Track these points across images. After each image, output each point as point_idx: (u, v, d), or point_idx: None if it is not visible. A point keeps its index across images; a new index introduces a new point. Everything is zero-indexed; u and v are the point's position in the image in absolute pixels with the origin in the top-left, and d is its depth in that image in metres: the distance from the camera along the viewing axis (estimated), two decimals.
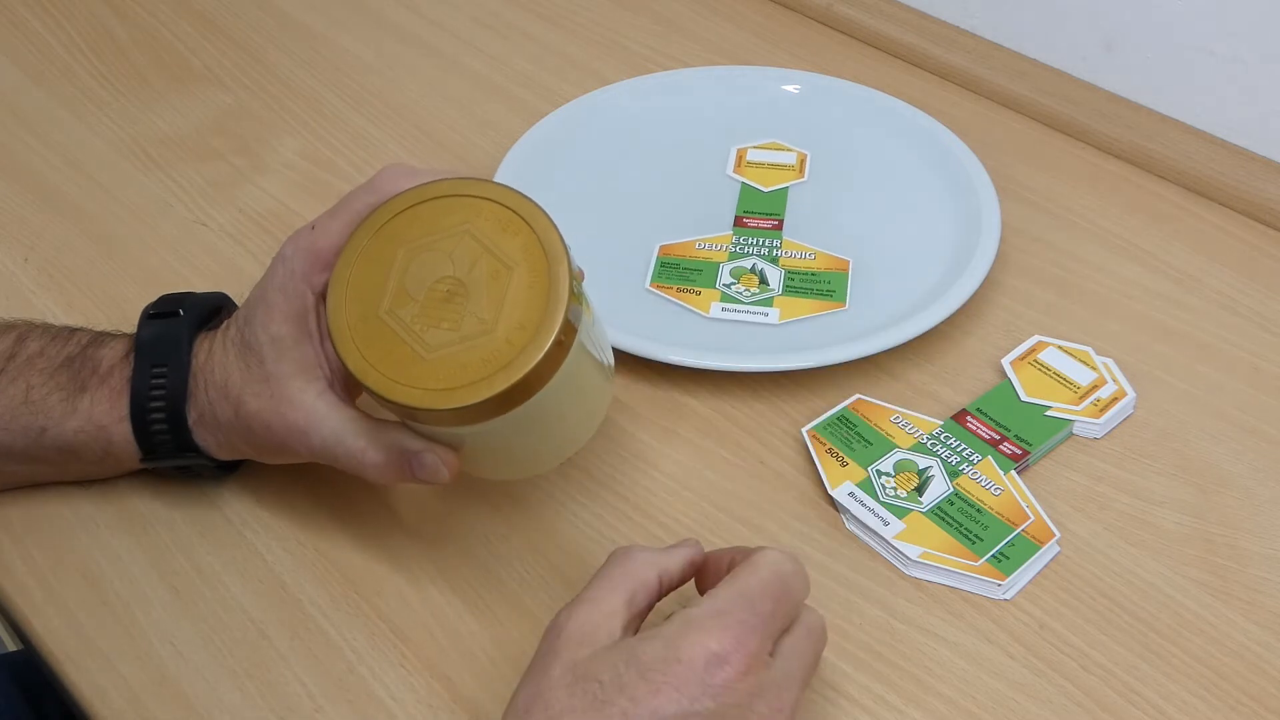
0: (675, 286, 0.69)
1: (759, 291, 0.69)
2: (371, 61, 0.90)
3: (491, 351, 0.47)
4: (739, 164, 0.78)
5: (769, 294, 0.69)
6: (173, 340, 0.55)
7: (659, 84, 0.84)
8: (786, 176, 0.77)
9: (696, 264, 0.71)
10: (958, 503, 0.59)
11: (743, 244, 0.72)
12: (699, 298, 0.69)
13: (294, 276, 0.53)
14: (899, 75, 0.89)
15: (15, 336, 0.57)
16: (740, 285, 0.69)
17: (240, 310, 0.56)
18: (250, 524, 0.58)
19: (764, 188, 0.76)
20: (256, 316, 0.54)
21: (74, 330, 0.58)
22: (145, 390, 0.55)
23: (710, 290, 0.69)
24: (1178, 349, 0.68)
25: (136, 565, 0.57)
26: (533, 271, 0.48)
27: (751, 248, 0.72)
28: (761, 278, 0.70)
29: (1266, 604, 0.56)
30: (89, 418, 0.55)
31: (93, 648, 0.54)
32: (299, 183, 0.79)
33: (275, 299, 0.53)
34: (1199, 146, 0.79)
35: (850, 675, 0.53)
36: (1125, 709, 0.52)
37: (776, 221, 0.74)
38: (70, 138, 0.82)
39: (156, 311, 0.57)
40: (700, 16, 0.95)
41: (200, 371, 0.55)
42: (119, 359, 0.56)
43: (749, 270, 0.70)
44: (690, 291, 0.69)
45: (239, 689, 0.52)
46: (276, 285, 0.53)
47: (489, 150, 0.81)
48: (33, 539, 0.58)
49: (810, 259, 0.71)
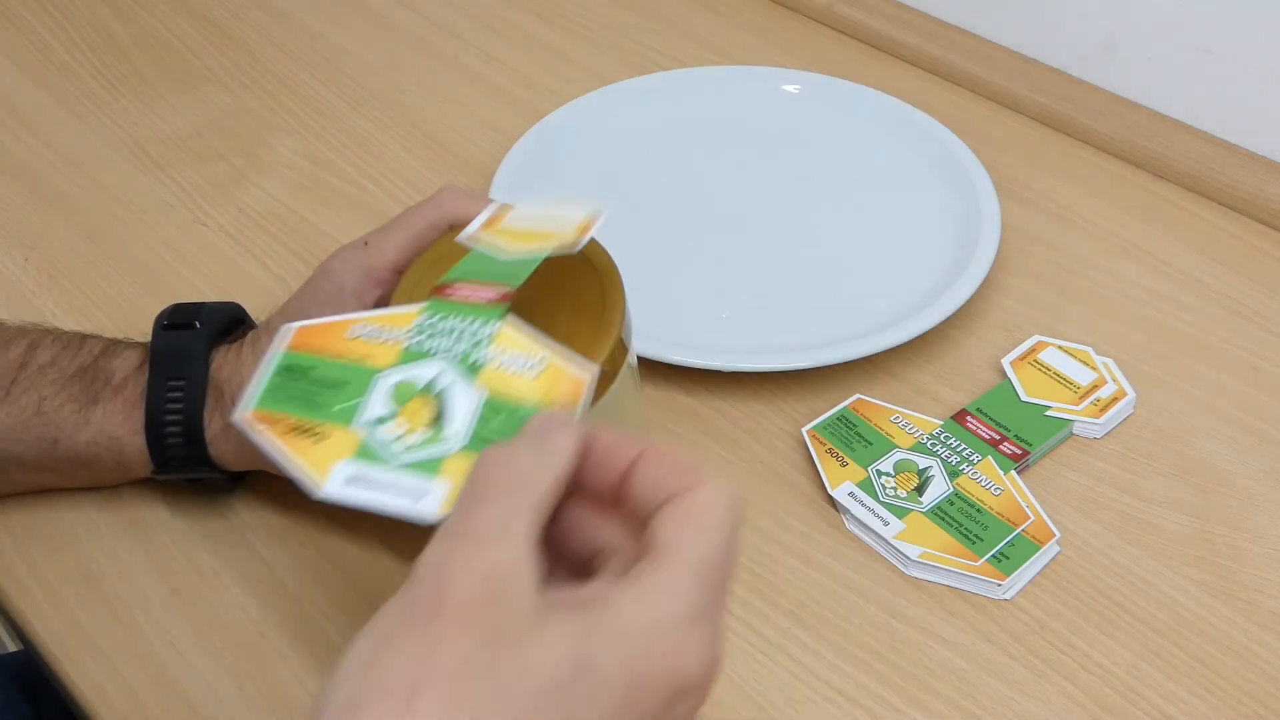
0: (288, 420, 0.40)
1: (423, 439, 0.39)
2: (371, 61, 0.90)
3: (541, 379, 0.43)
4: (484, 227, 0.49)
5: (439, 449, 0.39)
6: (189, 353, 0.54)
7: (659, 84, 0.84)
8: (547, 241, 0.46)
9: (339, 370, 0.41)
10: (958, 503, 0.59)
11: (431, 330, 0.42)
12: (320, 447, 0.40)
13: (343, 292, 0.52)
14: (899, 75, 0.89)
15: (27, 344, 0.56)
16: (396, 425, 0.40)
17: (275, 320, 0.55)
18: (250, 524, 0.58)
19: (504, 255, 0.46)
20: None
21: (85, 338, 0.57)
22: (161, 403, 0.54)
23: (342, 433, 0.40)
24: (1178, 349, 0.68)
25: (136, 565, 0.57)
26: (590, 308, 0.48)
27: (444, 339, 0.42)
28: (440, 405, 0.40)
29: (1266, 604, 0.56)
30: (102, 429, 0.55)
31: (93, 648, 0.54)
32: (299, 183, 0.79)
33: (320, 313, 0.50)
34: (1199, 146, 0.79)
35: (850, 675, 0.53)
36: (1125, 709, 0.52)
37: (500, 295, 0.43)
38: (70, 138, 0.82)
39: (171, 322, 0.56)
40: (700, 16, 0.95)
41: (225, 384, 0.54)
42: (132, 370, 0.55)
43: (420, 390, 0.41)
44: (308, 434, 0.40)
45: (239, 689, 0.52)
46: (322, 300, 0.52)
47: (489, 150, 0.81)
48: (33, 539, 0.58)
49: (531, 371, 0.41)
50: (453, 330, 0.42)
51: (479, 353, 0.41)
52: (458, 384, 0.40)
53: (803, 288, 0.70)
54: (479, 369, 0.40)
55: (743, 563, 0.57)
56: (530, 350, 0.41)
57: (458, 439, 0.39)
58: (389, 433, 0.39)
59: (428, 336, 0.42)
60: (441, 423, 0.39)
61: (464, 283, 0.43)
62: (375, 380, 0.41)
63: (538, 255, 0.44)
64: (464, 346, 0.41)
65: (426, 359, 0.41)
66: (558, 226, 0.45)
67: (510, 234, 0.46)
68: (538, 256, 0.44)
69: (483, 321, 0.41)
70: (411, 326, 0.42)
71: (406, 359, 0.41)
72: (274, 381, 0.41)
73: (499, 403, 0.40)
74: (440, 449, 0.39)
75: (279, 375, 0.41)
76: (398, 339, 0.42)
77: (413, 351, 0.41)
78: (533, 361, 0.40)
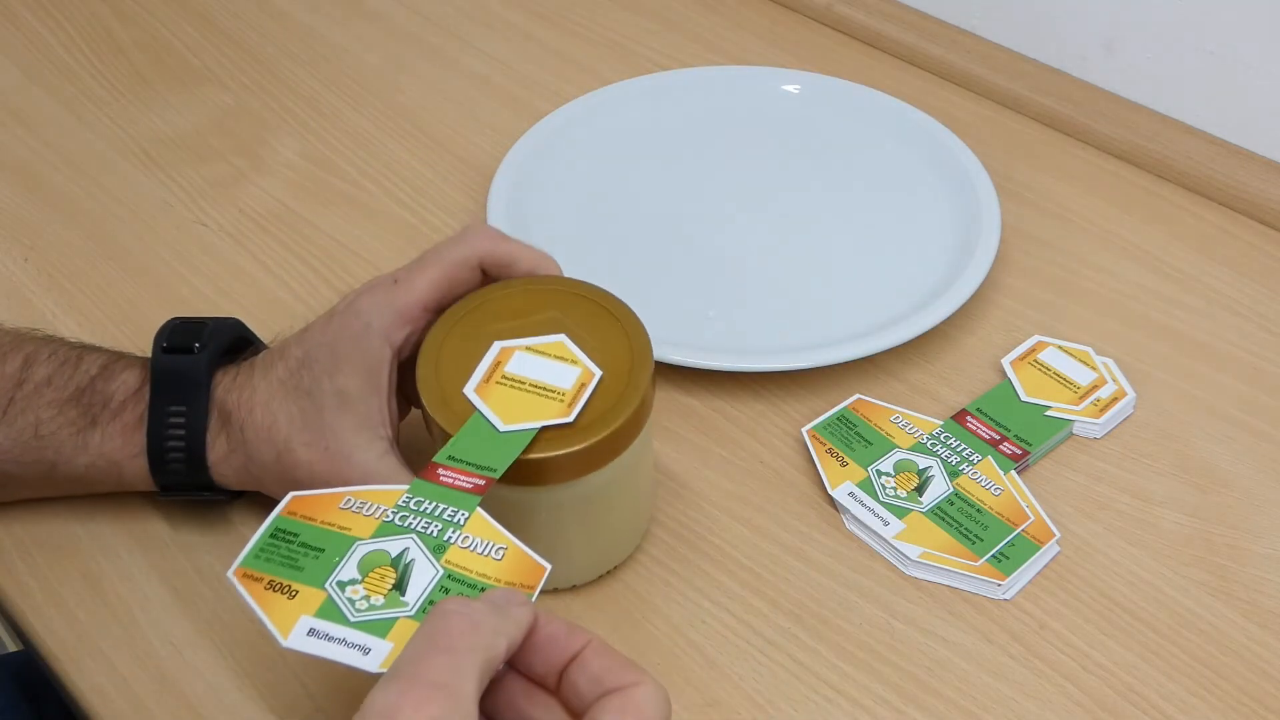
0: (267, 579, 0.45)
1: (381, 603, 0.44)
2: (371, 61, 0.90)
3: (569, 428, 0.49)
4: (489, 376, 0.51)
5: (392, 612, 0.43)
6: (191, 379, 0.53)
7: (659, 84, 0.84)
8: (544, 411, 0.50)
9: (322, 537, 0.46)
10: (958, 503, 0.59)
11: (411, 510, 0.47)
12: (290, 603, 0.44)
13: (370, 330, 0.51)
14: (899, 75, 0.89)
15: (22, 360, 0.55)
16: (361, 589, 0.44)
17: (293, 348, 0.53)
18: (251, 524, 0.58)
19: (502, 424, 0.49)
20: (319, 363, 0.52)
21: (82, 354, 0.56)
22: (162, 430, 0.53)
23: (311, 592, 0.44)
24: (1178, 349, 0.68)
25: (136, 565, 0.57)
26: (619, 372, 0.51)
27: (419, 518, 0.46)
28: (401, 576, 0.45)
29: (1266, 604, 0.56)
30: (101, 453, 0.54)
31: (93, 648, 0.54)
32: (299, 183, 0.79)
33: (346, 350, 0.51)
34: (1199, 146, 0.79)
35: (850, 675, 0.53)
36: (1125, 709, 0.52)
37: (479, 484, 0.47)
38: (70, 138, 0.82)
39: (171, 344, 0.54)
40: (700, 16, 0.95)
41: (235, 409, 0.53)
42: (131, 393, 0.54)
43: (390, 560, 0.45)
44: (282, 591, 0.44)
45: (239, 689, 0.52)
46: (349, 336, 0.52)
47: (489, 150, 0.81)
48: (34, 540, 0.58)
49: (497, 556, 0.45)
50: (429, 512, 0.46)
51: (448, 534, 0.46)
52: (421, 558, 0.45)
53: (803, 288, 0.70)
54: (445, 548, 0.45)
55: (743, 562, 0.57)
56: (496, 537, 0.45)
57: (411, 606, 0.43)
58: (352, 594, 0.44)
59: (406, 515, 0.46)
60: (399, 590, 0.44)
61: (452, 468, 0.47)
62: (352, 548, 0.45)
63: (529, 430, 0.49)
64: (436, 527, 0.46)
65: (400, 534, 0.46)
66: (557, 380, 0.50)
67: (510, 388, 0.50)
68: (529, 432, 0.48)
69: (457, 508, 0.46)
70: (394, 505, 0.46)
71: (382, 532, 0.46)
72: (264, 543, 0.45)
73: (459, 575, 0.44)
74: (393, 613, 0.43)
75: (270, 537, 0.46)
76: (379, 514, 0.46)
77: (390, 526, 0.46)
78: (497, 547, 0.45)
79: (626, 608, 0.55)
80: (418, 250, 0.55)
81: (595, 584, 0.56)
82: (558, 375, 0.51)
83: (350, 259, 0.73)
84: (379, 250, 0.74)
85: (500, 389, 0.50)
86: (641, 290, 0.70)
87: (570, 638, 0.41)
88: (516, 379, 0.50)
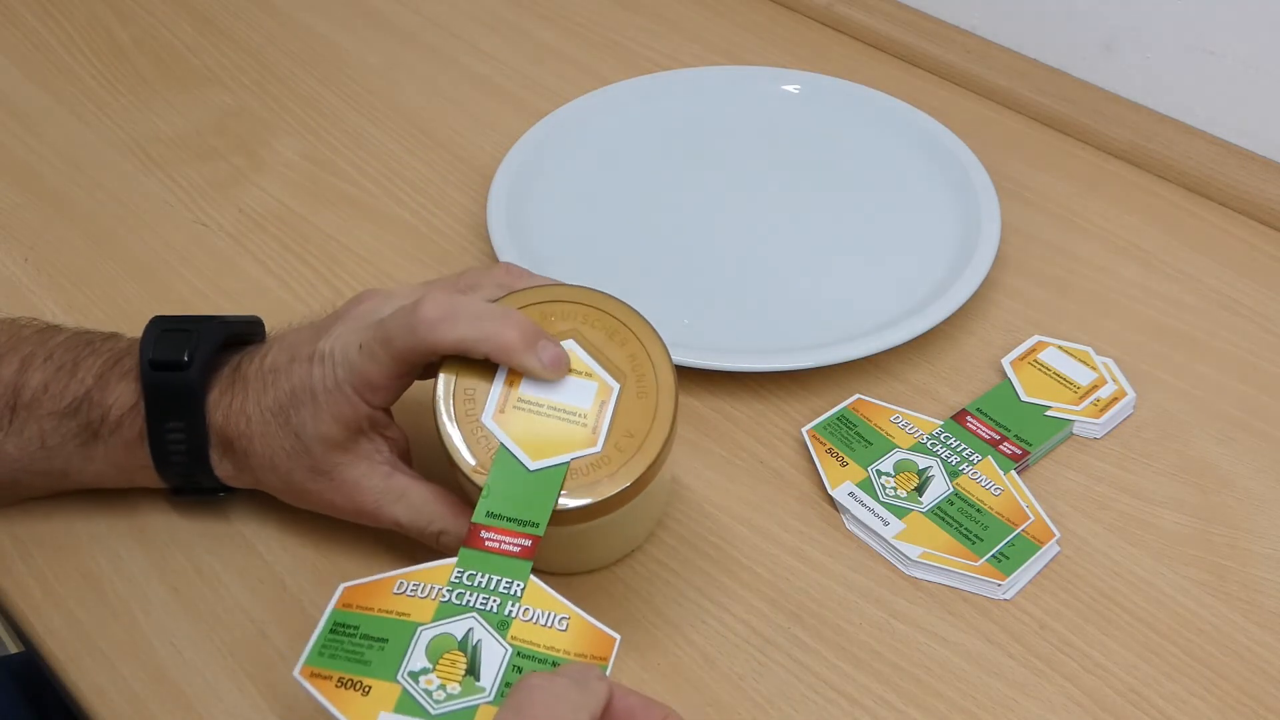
0: (337, 676, 0.44)
1: (458, 691, 0.43)
2: (371, 61, 0.90)
3: (598, 458, 0.49)
4: (503, 407, 0.50)
5: (472, 700, 0.43)
6: (183, 396, 0.53)
7: (659, 84, 0.84)
8: (570, 440, 0.49)
9: (382, 627, 0.45)
10: (958, 503, 0.59)
11: (465, 586, 0.46)
12: (365, 700, 0.43)
13: (341, 389, 0.51)
14: (899, 75, 0.89)
15: (19, 363, 0.54)
16: (434, 677, 0.44)
17: (281, 375, 0.52)
18: (250, 524, 0.58)
19: (530, 461, 0.48)
20: (305, 407, 0.52)
21: (78, 356, 0.55)
22: (164, 446, 0.54)
23: (385, 686, 0.44)
24: (1178, 349, 0.68)
25: (136, 565, 0.57)
26: (640, 382, 0.50)
27: (475, 594, 0.46)
28: (471, 660, 0.44)
29: (1266, 604, 0.56)
30: (108, 462, 0.55)
31: (93, 648, 0.54)
32: (299, 183, 0.79)
33: (323, 400, 0.51)
34: (1199, 146, 0.79)
35: (850, 675, 0.53)
36: (1125, 709, 0.52)
37: (526, 545, 0.47)
38: (70, 138, 0.82)
39: (158, 358, 0.53)
40: (700, 16, 0.95)
41: (236, 437, 0.53)
42: (127, 409, 0.54)
43: (458, 644, 0.45)
44: (354, 688, 0.44)
45: (239, 689, 0.52)
46: (324, 388, 0.51)
47: (489, 150, 0.81)
48: (34, 540, 0.58)
49: (561, 627, 0.45)
50: (484, 585, 0.46)
51: (508, 608, 0.46)
52: (488, 638, 0.45)
53: (802, 288, 0.70)
54: (509, 624, 0.45)
55: (742, 563, 0.57)
56: (556, 607, 0.46)
57: (489, 692, 0.44)
58: (427, 684, 0.44)
59: (462, 592, 0.46)
60: (474, 675, 0.44)
61: (494, 528, 0.47)
62: (416, 634, 0.45)
63: (559, 465, 0.48)
64: (495, 602, 0.46)
65: (461, 614, 0.45)
66: (576, 400, 0.49)
67: (530, 413, 0.49)
68: (560, 467, 0.48)
69: (511, 579, 0.46)
70: (448, 582, 0.46)
71: (442, 614, 0.45)
72: (326, 639, 0.45)
73: (528, 651, 0.45)
74: (472, 700, 0.43)
75: (330, 633, 0.45)
76: (435, 595, 0.46)
77: (449, 607, 0.46)
78: (560, 617, 0.45)
79: (627, 608, 0.55)
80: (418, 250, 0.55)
81: (596, 584, 0.56)
82: (575, 393, 0.50)
83: (350, 259, 0.73)
84: (379, 250, 0.74)
85: (519, 415, 0.49)
86: (641, 290, 0.70)
87: (647, 711, 0.42)
88: (533, 401, 0.50)
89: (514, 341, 0.49)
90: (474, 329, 0.49)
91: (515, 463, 0.48)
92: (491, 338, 0.49)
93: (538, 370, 0.49)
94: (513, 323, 0.49)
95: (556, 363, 0.49)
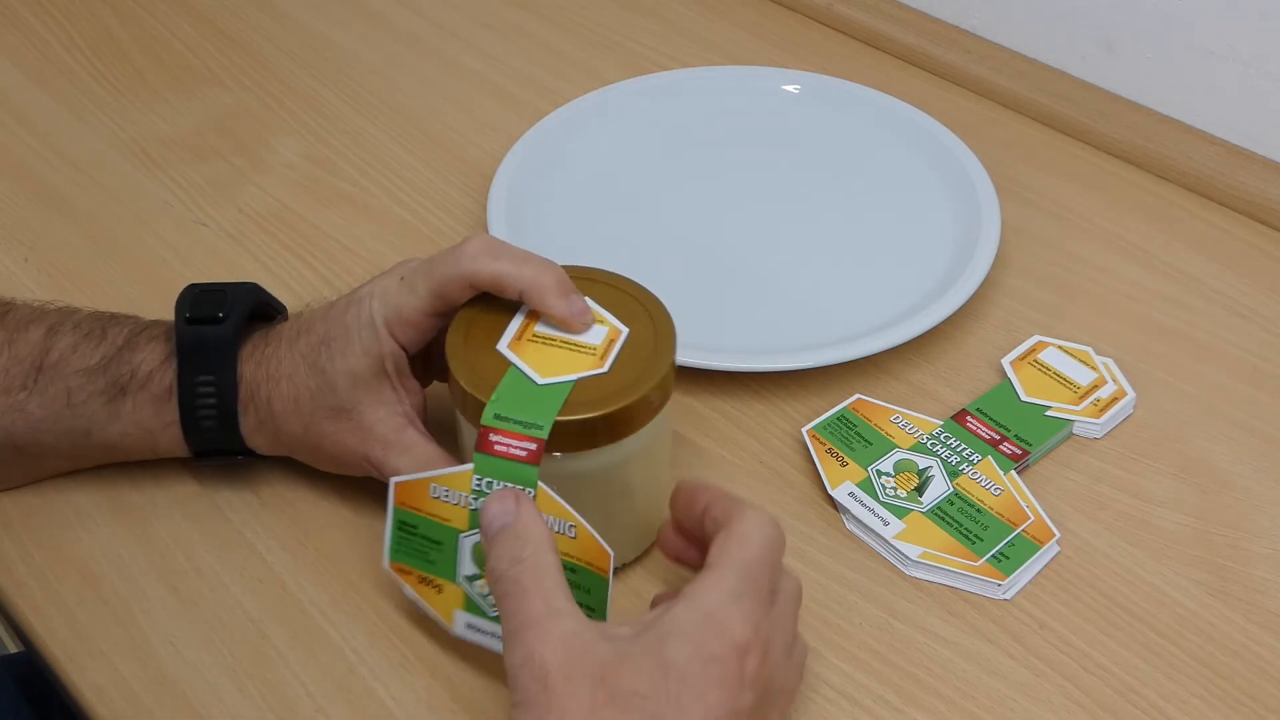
0: (416, 573, 0.51)
1: None
2: (371, 61, 0.90)
3: (604, 378, 0.51)
4: (520, 335, 0.52)
5: None
6: (217, 349, 0.54)
7: (659, 84, 0.84)
8: (578, 363, 0.51)
9: (434, 529, 0.50)
10: (958, 503, 0.59)
11: (486, 494, 0.49)
12: (441, 596, 0.50)
13: (375, 325, 0.53)
14: (899, 75, 0.89)
15: (46, 329, 0.56)
16: (482, 584, 0.49)
17: (318, 325, 0.55)
18: (250, 524, 0.58)
19: (539, 377, 0.50)
20: (335, 342, 0.54)
21: (105, 324, 0.56)
22: (193, 400, 0.54)
23: (451, 586, 0.50)
24: (1178, 349, 0.68)
25: (136, 565, 0.57)
26: (643, 341, 0.52)
27: None
28: None
29: (1266, 604, 0.56)
30: (134, 421, 0.55)
31: (93, 648, 0.54)
32: (299, 183, 0.79)
33: (355, 336, 0.53)
34: (1199, 146, 0.79)
35: (850, 675, 0.53)
36: (1125, 709, 0.52)
37: (531, 449, 0.48)
38: (70, 138, 0.82)
39: (194, 315, 0.55)
40: (700, 16, 0.95)
41: (263, 382, 0.55)
42: (158, 364, 0.55)
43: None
44: (431, 585, 0.51)
45: (239, 689, 0.52)
46: (358, 324, 0.53)
47: (489, 150, 0.81)
48: (33, 539, 0.58)
49: (570, 534, 0.48)
50: None
51: None
52: None
53: (802, 288, 0.70)
54: None
55: None
56: (565, 515, 0.48)
57: None
58: (479, 589, 0.50)
59: (481, 499, 0.49)
60: None
61: (502, 430, 0.49)
62: (459, 541, 0.50)
63: (567, 382, 0.50)
64: None
65: None
66: (587, 337, 0.52)
67: (543, 345, 0.52)
68: (567, 384, 0.50)
69: (522, 486, 0.48)
70: (470, 490, 0.49)
71: (474, 522, 0.49)
72: (397, 536, 0.51)
73: None
74: None
75: (399, 529, 0.51)
76: (464, 502, 0.50)
77: (476, 515, 0.49)
78: (569, 525, 0.48)
79: (627, 608, 0.55)
80: (418, 250, 0.55)
81: None
82: (587, 332, 0.52)
83: (350, 259, 0.73)
84: (379, 250, 0.74)
85: (533, 346, 0.52)
86: None
87: (695, 495, 0.49)
88: (547, 337, 0.52)
89: (550, 284, 0.52)
90: (515, 266, 0.52)
91: (524, 378, 0.50)
92: (530, 277, 0.52)
93: (565, 314, 0.52)
94: (552, 270, 0.52)
95: (583, 314, 0.52)
